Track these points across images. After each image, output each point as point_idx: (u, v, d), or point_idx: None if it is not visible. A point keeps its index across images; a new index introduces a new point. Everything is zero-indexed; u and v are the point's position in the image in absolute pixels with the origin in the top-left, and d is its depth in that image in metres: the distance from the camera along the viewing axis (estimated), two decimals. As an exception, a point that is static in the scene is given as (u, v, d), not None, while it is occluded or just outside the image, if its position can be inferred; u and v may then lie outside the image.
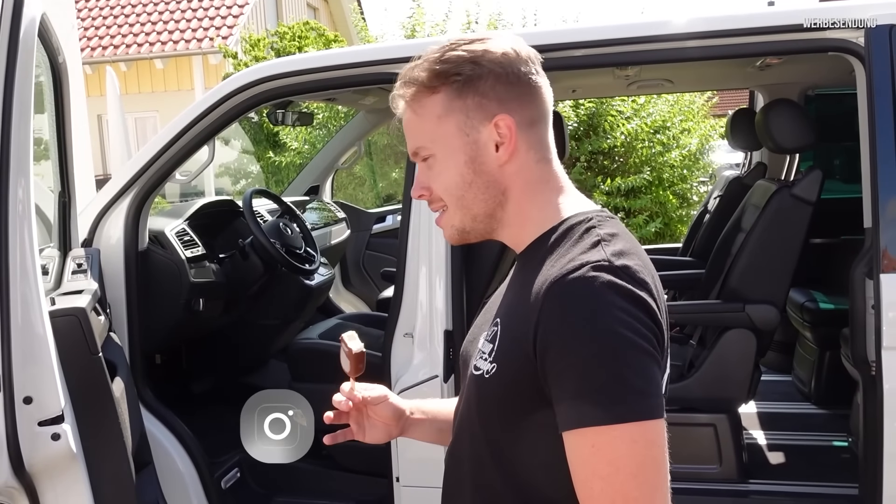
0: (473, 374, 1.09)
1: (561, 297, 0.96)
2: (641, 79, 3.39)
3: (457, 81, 1.07)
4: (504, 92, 1.08)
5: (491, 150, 1.09)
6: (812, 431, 3.15)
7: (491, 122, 1.08)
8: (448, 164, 1.10)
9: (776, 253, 2.71)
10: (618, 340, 0.93)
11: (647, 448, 0.93)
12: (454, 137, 1.09)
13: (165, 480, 2.51)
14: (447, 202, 1.11)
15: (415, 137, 1.12)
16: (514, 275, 1.16)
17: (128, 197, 2.64)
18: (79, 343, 1.95)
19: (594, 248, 1.01)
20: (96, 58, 14.21)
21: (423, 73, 1.08)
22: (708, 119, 8.79)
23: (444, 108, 1.08)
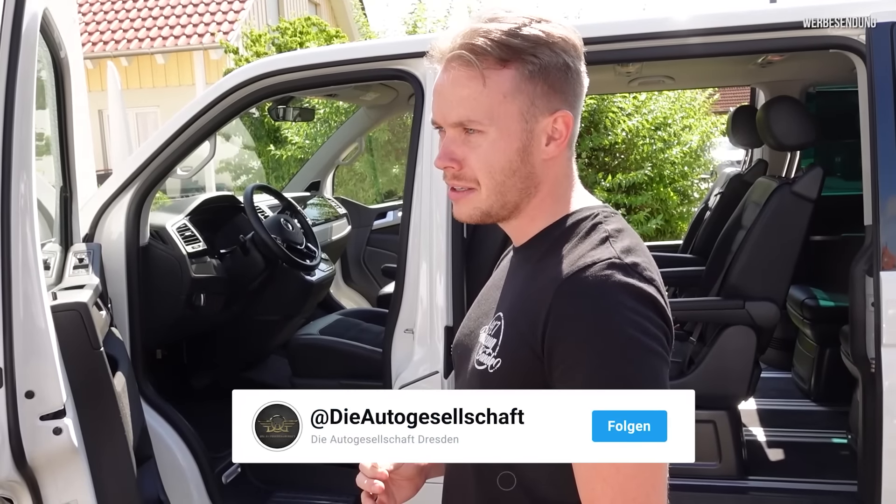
0: (476, 369, 1.08)
1: (571, 295, 0.96)
2: (643, 75, 3.39)
3: (532, 63, 1.02)
4: (569, 86, 1.06)
5: (542, 143, 1.06)
6: (811, 428, 3.15)
7: (552, 115, 1.05)
8: (500, 146, 1.04)
9: (776, 250, 2.71)
10: (626, 341, 0.94)
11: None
12: (514, 121, 1.03)
13: (166, 475, 2.52)
14: (483, 183, 1.06)
15: (470, 107, 1.03)
16: (514, 267, 1.14)
17: (129, 192, 2.65)
18: (80, 337, 1.96)
19: (602, 244, 1.01)
20: (97, 53, 14.19)
21: (497, 42, 1.01)
22: (709, 116, 8.78)
23: (513, 88, 1.02)
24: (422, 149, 2.40)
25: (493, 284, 1.21)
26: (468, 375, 1.12)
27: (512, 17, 1.03)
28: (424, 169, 2.39)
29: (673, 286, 4.11)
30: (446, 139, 1.07)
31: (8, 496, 1.89)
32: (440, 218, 2.37)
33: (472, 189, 1.07)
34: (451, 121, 1.05)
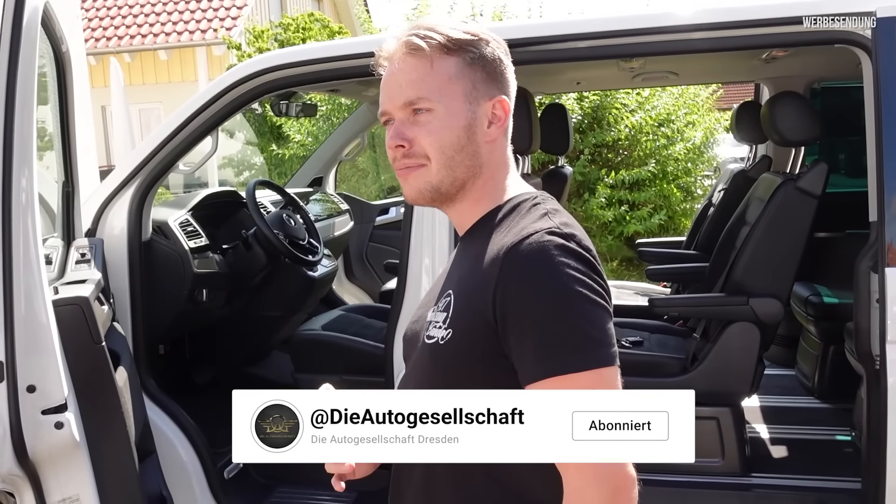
0: (426, 344, 1.13)
1: (518, 260, 1.04)
2: (646, 71, 3.37)
3: (472, 53, 1.15)
4: (503, 78, 1.19)
5: (484, 125, 1.16)
6: (815, 425, 3.14)
7: (491, 100, 1.17)
8: (448, 123, 1.14)
9: (781, 246, 2.70)
10: (574, 296, 1.02)
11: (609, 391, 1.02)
12: (459, 101, 1.14)
13: (168, 470, 2.51)
14: (433, 159, 1.14)
15: (419, 87, 1.13)
16: (460, 254, 1.22)
17: (131, 187, 2.64)
18: (82, 332, 1.95)
19: (542, 218, 1.10)
20: (100, 49, 14.19)
21: (442, 34, 1.14)
22: (713, 112, 8.76)
23: (457, 72, 1.14)
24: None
25: (441, 274, 1.29)
26: (417, 354, 1.18)
27: (451, 20, 1.18)
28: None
29: (676, 282, 4.10)
30: (397, 122, 1.16)
31: (10, 490, 1.89)
32: (442, 214, 2.35)
33: (422, 164, 1.15)
34: (400, 102, 1.15)
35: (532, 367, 1.02)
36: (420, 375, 1.16)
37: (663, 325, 3.16)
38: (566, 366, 1.00)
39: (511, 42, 1.25)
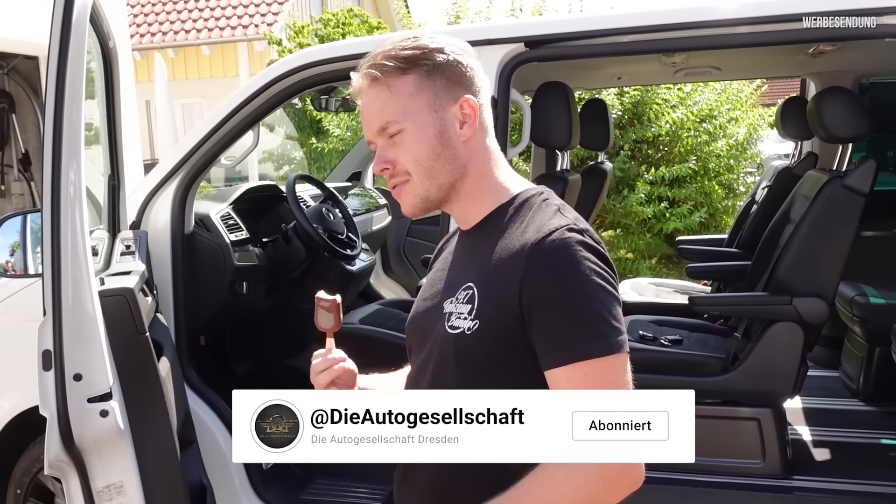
0: (450, 334, 1.18)
1: (543, 255, 1.12)
2: (689, 66, 3.32)
3: (426, 65, 1.20)
4: (465, 78, 1.23)
5: (456, 127, 1.22)
6: (860, 428, 3.07)
7: (457, 102, 1.22)
8: (419, 136, 1.20)
9: (826, 245, 2.64)
10: (596, 287, 1.11)
11: (625, 375, 1.11)
12: (425, 113, 1.20)
13: (208, 459, 2.55)
14: (414, 173, 1.21)
15: (384, 113, 1.20)
16: (471, 247, 1.26)
17: (174, 181, 2.68)
18: (127, 322, 1.99)
19: (556, 214, 1.19)
20: (145, 44, 14.44)
21: (393, 57, 1.19)
22: (756, 108, 8.60)
23: (416, 87, 1.20)
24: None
25: (441, 268, 1.34)
26: (437, 343, 1.22)
27: (401, 38, 1.22)
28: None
29: (717, 280, 4.04)
30: (379, 149, 1.24)
31: (56, 476, 1.94)
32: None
33: (406, 180, 1.22)
34: (374, 130, 1.22)
35: (557, 353, 1.10)
36: (440, 365, 1.21)
37: (704, 323, 3.12)
38: (591, 351, 1.08)
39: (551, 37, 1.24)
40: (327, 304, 1.31)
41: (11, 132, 4.76)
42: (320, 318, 1.32)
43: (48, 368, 1.82)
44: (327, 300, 1.31)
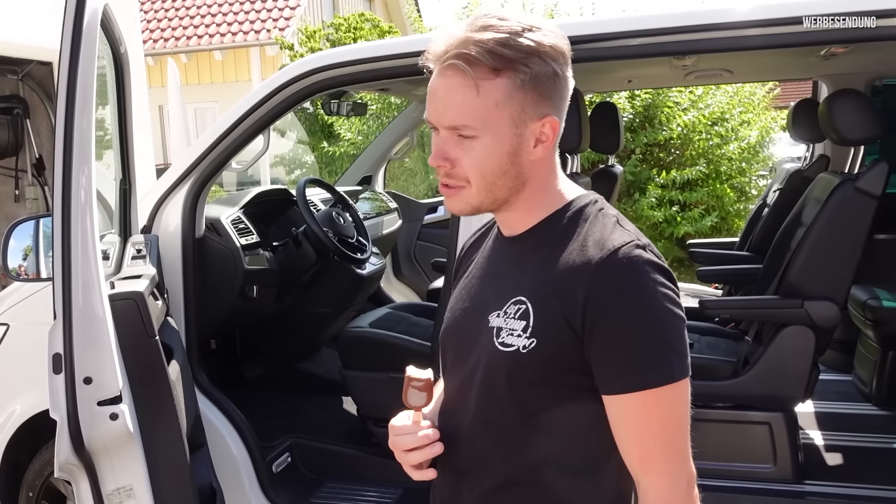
0: (502, 351, 1.12)
1: (610, 274, 1.06)
2: (699, 69, 3.31)
3: (523, 73, 1.07)
4: (556, 93, 1.12)
5: (530, 145, 1.12)
6: (872, 433, 3.05)
7: (540, 120, 1.11)
8: (491, 151, 1.10)
9: (838, 248, 2.62)
10: (663, 312, 1.05)
11: (685, 403, 1.07)
12: (505, 127, 1.09)
13: (218, 462, 2.56)
14: (474, 184, 1.12)
15: (463, 114, 1.08)
16: (517, 255, 1.18)
17: (185, 185, 2.70)
18: (137, 326, 2.00)
19: (617, 227, 1.12)
20: (158, 49, 14.54)
21: (489, 51, 1.06)
22: (769, 111, 8.55)
23: (504, 97, 1.08)
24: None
25: (477, 275, 1.25)
26: (484, 360, 1.15)
27: (505, 26, 1.07)
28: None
29: (728, 284, 4.02)
30: (440, 139, 1.13)
31: (66, 478, 1.95)
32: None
33: (462, 187, 1.13)
34: (444, 124, 1.11)
35: (618, 379, 1.06)
36: (489, 383, 1.15)
37: (714, 327, 3.10)
38: (654, 380, 1.04)
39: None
40: (420, 385, 1.19)
41: (26, 137, 4.80)
42: (410, 396, 1.20)
43: (58, 372, 1.84)
44: (420, 380, 1.20)
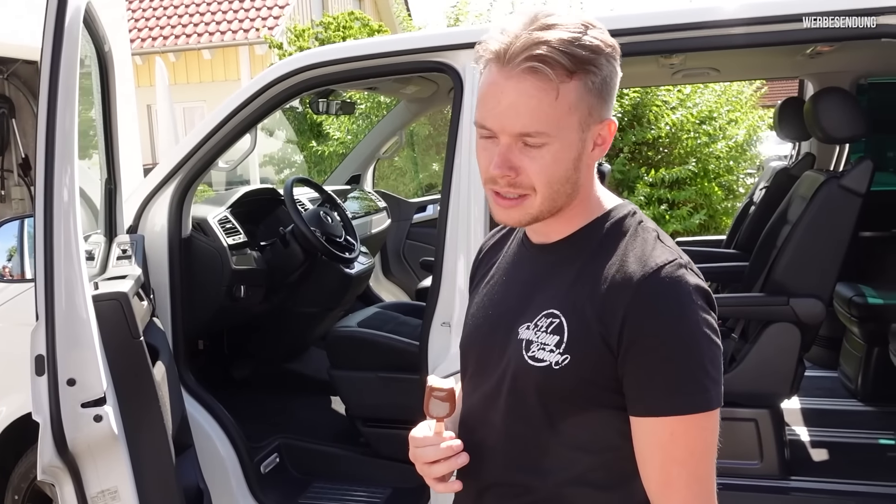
0: (531, 366, 1.08)
1: (651, 295, 1.02)
2: (687, 67, 3.32)
3: (594, 74, 1.03)
4: (613, 94, 1.09)
5: (589, 149, 1.08)
6: (858, 429, 3.07)
7: (602, 123, 1.08)
8: (561, 157, 1.05)
9: (823, 246, 2.64)
10: (702, 337, 1.02)
11: (714, 433, 1.04)
12: (574, 132, 1.05)
13: (206, 463, 2.55)
14: (540, 192, 1.06)
15: (538, 119, 1.02)
16: (550, 265, 1.13)
17: (172, 185, 2.69)
18: (121, 327, 1.99)
19: (658, 244, 1.08)
20: (146, 48, 14.48)
21: (566, 52, 1.00)
22: (756, 109, 8.58)
23: (577, 99, 1.03)
24: (460, 143, 2.38)
25: (501, 281, 1.20)
26: (512, 373, 1.11)
27: (569, 24, 1.03)
28: (462, 163, 2.37)
29: (715, 281, 4.03)
30: (503, 147, 1.05)
31: (51, 481, 1.94)
32: (478, 212, 2.36)
33: (526, 195, 1.07)
34: (515, 131, 1.03)
35: (648, 402, 1.03)
36: (518, 398, 1.11)
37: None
38: (685, 406, 1.01)
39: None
40: (443, 395, 1.15)
41: (11, 137, 4.76)
42: (433, 407, 1.15)
43: (41, 373, 1.82)
44: (443, 390, 1.15)
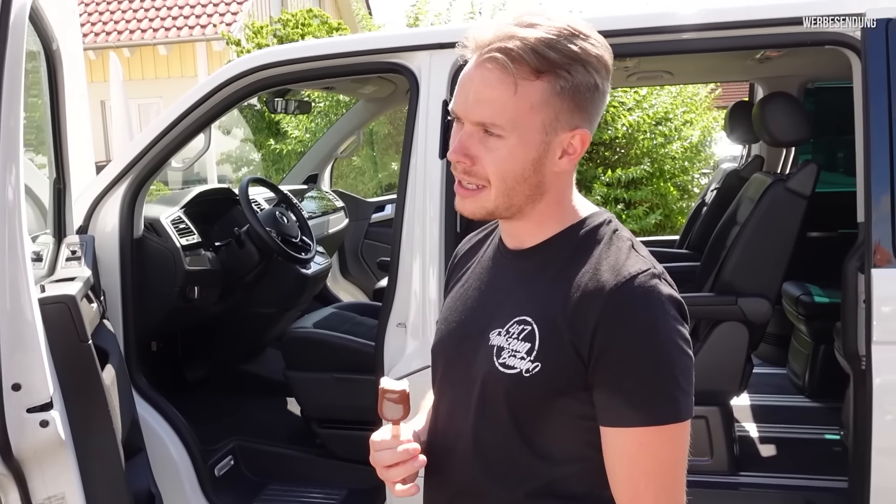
0: (501, 372, 1.07)
1: (623, 304, 1.01)
2: (641, 70, 3.37)
3: (564, 80, 1.03)
4: (593, 106, 1.07)
5: (556, 156, 1.07)
6: (805, 424, 3.15)
7: (572, 131, 1.07)
8: (516, 154, 1.05)
9: (770, 247, 2.70)
10: (673, 348, 1.01)
11: (684, 445, 1.04)
12: (535, 132, 1.04)
13: (158, 467, 2.52)
14: (493, 186, 1.07)
15: (495, 111, 1.03)
16: (523, 270, 1.13)
17: (123, 184, 2.64)
18: (68, 330, 1.95)
19: (632, 253, 1.07)
20: (100, 43, 14.19)
21: (533, 51, 1.01)
22: (711, 111, 8.75)
23: (541, 101, 1.03)
24: (416, 143, 2.38)
25: (475, 286, 1.19)
26: (481, 379, 1.11)
27: (553, 27, 1.03)
28: (418, 163, 2.38)
29: (668, 281, 4.10)
30: (464, 134, 1.07)
31: (-5, 488, 1.90)
32: (433, 211, 2.36)
33: (482, 187, 1.08)
34: (473, 119, 1.06)
35: (617, 412, 1.02)
36: (487, 405, 1.10)
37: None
38: (654, 417, 1.00)
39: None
40: (395, 397, 1.15)
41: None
42: (386, 409, 1.15)
43: (-16, 378, 1.78)
44: (395, 392, 1.15)
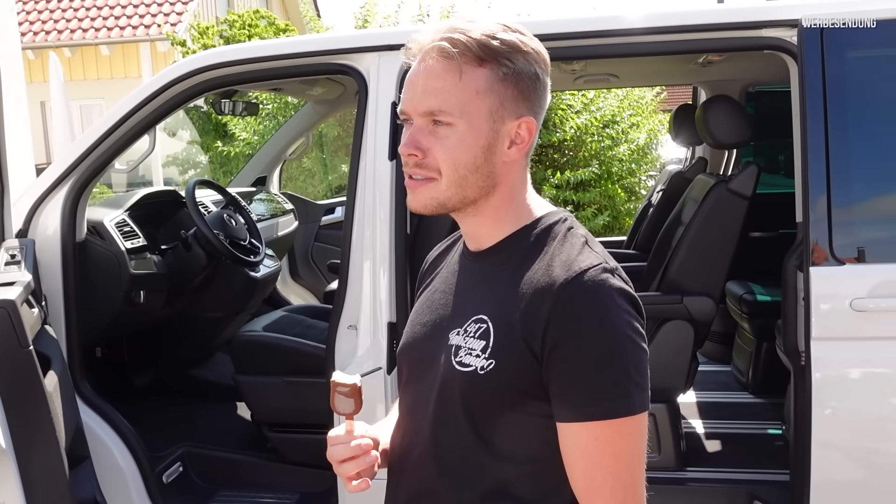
0: (459, 371, 1.08)
1: (575, 298, 1.02)
2: (588, 73, 3.42)
3: (506, 67, 1.07)
4: (535, 96, 1.11)
5: (504, 145, 1.10)
6: (749, 420, 3.23)
7: (517, 119, 1.09)
8: (467, 141, 1.07)
9: (713, 246, 2.77)
10: (626, 341, 1.02)
11: (640, 438, 1.04)
12: (483, 119, 1.07)
13: (104, 475, 2.46)
14: (445, 176, 1.08)
15: (443, 98, 1.06)
16: (481, 271, 1.15)
17: (65, 186, 2.58)
18: (8, 336, 1.90)
19: (585, 249, 1.08)
20: (39, 42, 13.80)
21: (476, 41, 1.05)
22: (657, 114, 8.92)
23: (486, 87, 1.07)
24: (365, 144, 2.38)
25: (441, 290, 1.21)
26: (440, 378, 1.12)
27: (491, 23, 1.09)
28: (368, 165, 2.38)
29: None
30: (414, 128, 1.09)
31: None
32: (383, 213, 2.36)
33: (432, 179, 1.09)
34: (421, 110, 1.08)
35: (573, 407, 1.02)
36: (445, 404, 1.11)
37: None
38: (610, 410, 1.00)
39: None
40: (346, 390, 1.15)
41: None
42: (338, 403, 1.16)
43: (-79, 386, 1.72)
44: (346, 385, 1.15)
